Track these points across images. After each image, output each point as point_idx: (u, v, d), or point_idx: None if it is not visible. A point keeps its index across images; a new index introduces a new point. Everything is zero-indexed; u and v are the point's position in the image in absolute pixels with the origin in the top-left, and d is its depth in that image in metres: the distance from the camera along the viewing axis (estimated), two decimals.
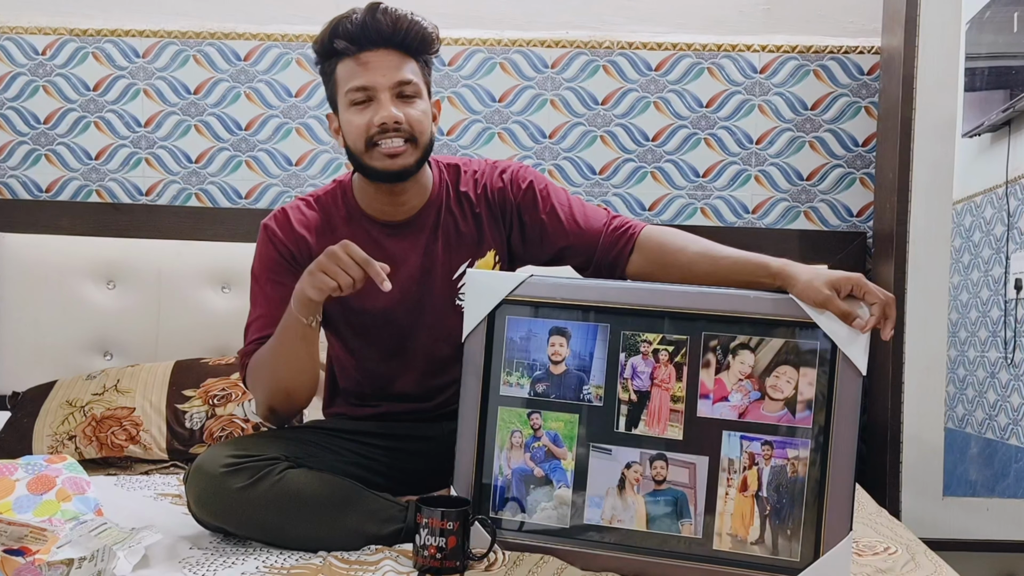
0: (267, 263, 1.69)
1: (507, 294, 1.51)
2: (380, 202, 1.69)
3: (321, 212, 1.71)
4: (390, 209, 1.69)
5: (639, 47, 2.56)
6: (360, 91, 1.59)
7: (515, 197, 1.73)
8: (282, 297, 1.63)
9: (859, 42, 2.54)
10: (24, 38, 2.58)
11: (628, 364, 1.46)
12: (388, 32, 1.59)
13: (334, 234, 1.68)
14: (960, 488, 2.49)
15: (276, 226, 1.70)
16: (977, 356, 2.61)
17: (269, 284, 1.67)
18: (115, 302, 2.46)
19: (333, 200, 1.72)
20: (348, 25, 1.59)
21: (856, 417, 1.36)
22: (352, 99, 1.60)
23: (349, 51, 1.60)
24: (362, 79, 1.59)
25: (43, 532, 1.31)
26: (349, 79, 1.60)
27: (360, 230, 1.69)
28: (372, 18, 1.59)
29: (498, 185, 1.73)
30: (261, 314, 1.67)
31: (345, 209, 1.71)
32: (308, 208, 1.72)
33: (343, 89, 1.61)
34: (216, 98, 2.59)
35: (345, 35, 1.59)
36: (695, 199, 2.58)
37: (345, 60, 1.61)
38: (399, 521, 1.52)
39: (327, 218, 1.70)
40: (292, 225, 1.69)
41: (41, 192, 2.60)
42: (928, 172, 2.30)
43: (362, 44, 1.59)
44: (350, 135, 1.62)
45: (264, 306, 1.67)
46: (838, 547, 1.34)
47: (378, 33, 1.59)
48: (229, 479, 1.47)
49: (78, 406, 2.14)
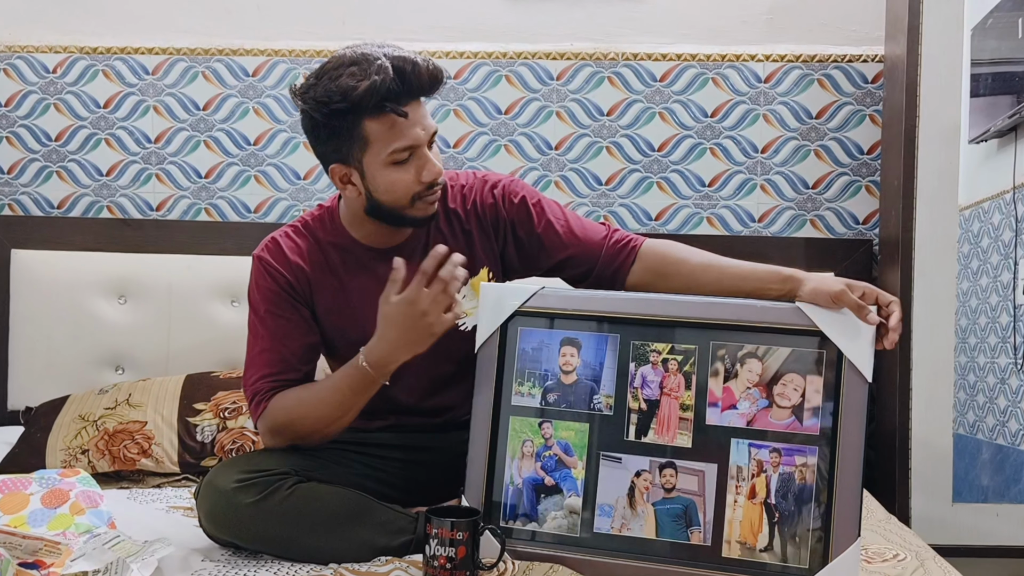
0: (267, 295, 1.65)
1: (519, 306, 1.52)
2: (380, 234, 1.66)
3: (311, 238, 1.68)
4: (386, 238, 1.67)
5: (643, 58, 2.58)
6: (406, 151, 1.54)
7: (507, 213, 1.70)
8: (285, 332, 1.63)
9: (862, 50, 2.55)
10: (35, 56, 2.61)
11: (638, 373, 1.47)
12: (427, 87, 1.54)
13: (327, 260, 1.67)
14: (971, 494, 2.49)
15: (271, 257, 1.66)
16: (987, 362, 2.61)
17: (270, 317, 1.64)
18: (126, 317, 2.48)
19: (322, 226, 1.69)
20: (392, 85, 1.49)
21: (863, 423, 1.37)
22: (395, 159, 1.54)
23: (397, 111, 1.51)
24: (407, 139, 1.53)
25: (57, 545, 1.32)
26: (391, 140, 1.52)
27: (352, 258, 1.67)
28: (413, 70, 1.51)
29: (489, 201, 1.71)
30: (265, 348, 1.64)
31: (335, 236, 1.68)
32: (298, 235, 1.68)
33: (382, 149, 1.53)
34: (225, 114, 2.61)
35: (393, 95, 1.50)
36: (701, 208, 2.59)
37: (379, 117, 1.52)
38: (409, 532, 1.53)
39: (318, 245, 1.68)
40: (286, 254, 1.66)
41: (53, 208, 2.62)
42: (933, 179, 2.31)
43: (403, 101, 1.52)
44: (391, 193, 1.56)
45: (268, 340, 1.64)
46: (847, 553, 1.35)
47: (420, 89, 1.54)
48: (240, 495, 1.47)
49: (90, 420, 2.16)
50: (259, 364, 1.64)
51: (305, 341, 1.66)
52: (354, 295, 1.66)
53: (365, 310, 1.61)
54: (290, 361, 1.63)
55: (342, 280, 1.67)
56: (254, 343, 1.66)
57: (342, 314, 1.67)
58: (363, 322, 1.58)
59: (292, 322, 1.64)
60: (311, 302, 1.67)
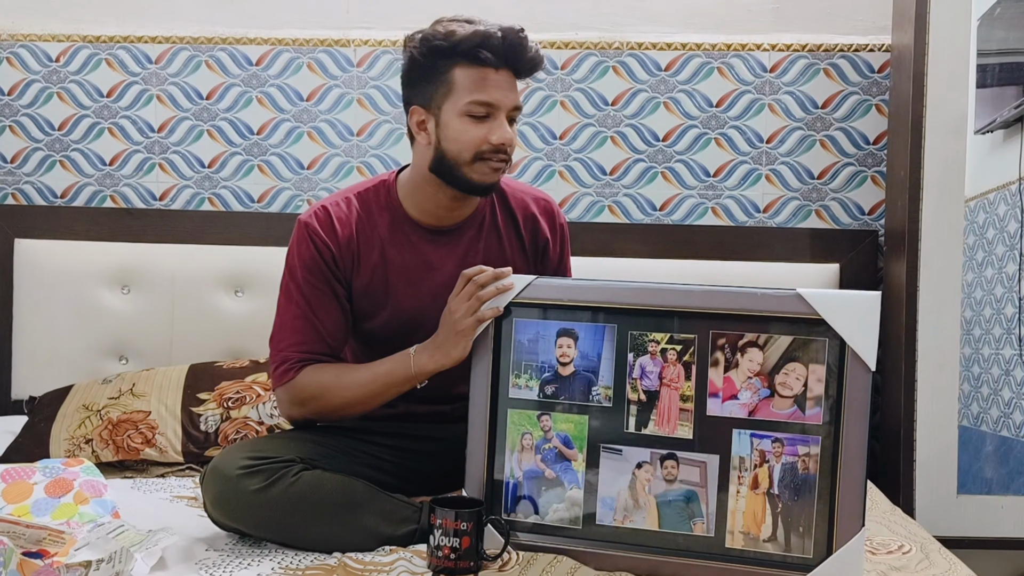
0: (308, 264, 1.66)
1: (514, 296, 1.52)
2: (439, 207, 1.69)
3: (363, 209, 1.70)
4: (444, 215, 1.70)
5: (648, 47, 2.57)
6: (484, 106, 1.59)
7: (551, 236, 1.79)
8: (322, 304, 1.66)
9: (869, 40, 2.53)
10: (38, 45, 2.61)
11: (636, 364, 1.46)
12: (524, 59, 1.61)
13: (375, 232, 1.68)
14: (975, 486, 2.48)
15: (318, 225, 1.67)
16: (992, 354, 2.60)
17: (308, 287, 1.66)
18: (130, 306, 2.48)
19: (376, 198, 1.71)
20: (495, 40, 1.58)
21: (866, 412, 1.36)
22: (472, 111, 1.59)
23: (489, 62, 1.58)
24: (490, 95, 1.58)
25: (61, 535, 1.32)
26: (474, 90, 1.58)
27: (400, 232, 1.69)
28: (519, 41, 1.59)
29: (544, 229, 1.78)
30: (299, 316, 1.66)
31: (388, 209, 1.70)
32: (348, 205, 1.70)
33: (462, 97, 1.59)
34: (228, 103, 2.60)
35: (492, 48, 1.58)
36: (706, 199, 2.58)
37: (470, 68, 1.59)
38: (413, 522, 1.53)
39: (369, 216, 1.70)
40: (334, 224, 1.67)
41: (56, 198, 2.62)
42: (939, 169, 2.30)
43: (500, 62, 1.59)
44: (457, 143, 1.60)
45: (304, 307, 1.66)
46: (851, 543, 1.34)
47: (517, 57, 1.60)
48: (245, 481, 1.48)
49: (94, 410, 2.16)
50: (293, 330, 1.66)
51: (339, 317, 1.68)
52: (393, 270, 1.68)
53: (399, 288, 1.62)
54: (322, 335, 1.66)
55: (385, 254, 1.69)
56: (288, 307, 1.68)
57: (377, 289, 1.69)
58: (395, 302, 1.59)
59: (328, 296, 1.66)
60: (350, 278, 1.69)
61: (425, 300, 1.67)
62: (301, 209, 2.57)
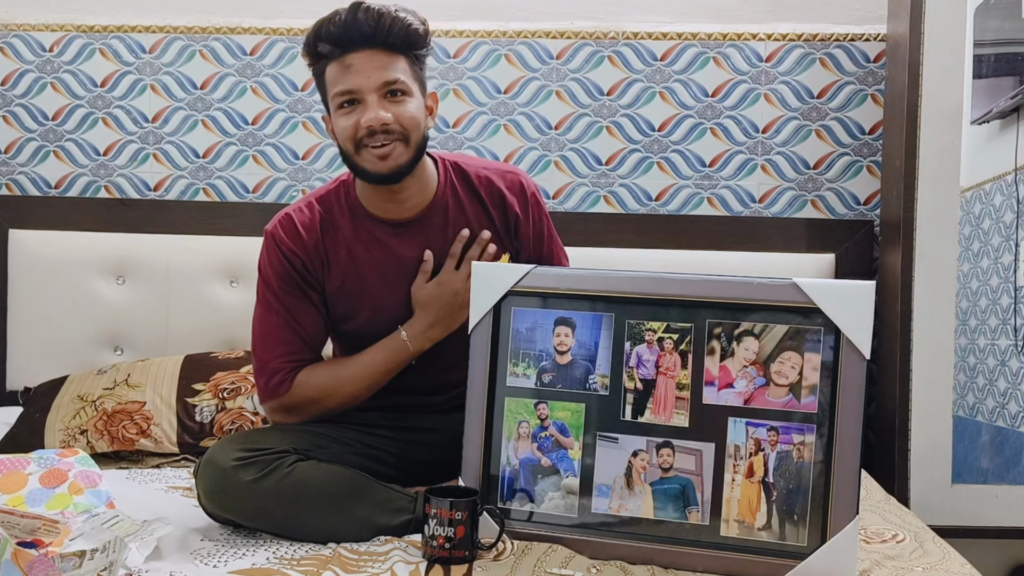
0: (280, 273, 1.67)
1: (512, 285, 1.52)
2: (381, 200, 1.68)
3: (324, 211, 1.70)
4: (392, 208, 1.69)
5: (644, 37, 2.56)
6: (345, 94, 1.58)
7: (521, 210, 1.76)
8: (301, 310, 1.66)
9: (864, 29, 2.53)
10: (32, 35, 2.59)
11: (633, 353, 1.46)
12: (371, 31, 1.56)
13: (339, 233, 1.68)
14: (970, 476, 2.49)
15: (284, 234, 1.68)
16: (988, 344, 2.60)
17: (284, 295, 1.67)
18: (124, 297, 2.48)
19: (336, 199, 1.71)
20: (331, 28, 1.56)
21: (861, 401, 1.37)
22: (339, 103, 1.59)
23: (334, 54, 1.57)
24: (347, 83, 1.57)
25: (56, 524, 1.32)
26: (335, 83, 1.59)
27: (363, 229, 1.69)
28: (353, 18, 1.56)
29: (513, 203, 1.75)
30: (281, 324, 1.67)
31: (348, 208, 1.70)
32: (311, 209, 1.70)
33: (331, 93, 1.60)
34: (223, 93, 2.60)
35: (328, 38, 1.57)
36: (701, 189, 2.57)
37: (332, 63, 1.59)
38: (408, 512, 1.53)
39: (331, 218, 1.70)
40: (299, 231, 1.68)
41: (50, 188, 2.61)
42: (935, 159, 2.29)
43: (346, 46, 1.57)
44: (341, 138, 1.62)
45: (284, 315, 1.67)
46: (845, 531, 1.34)
47: (361, 34, 1.56)
48: (239, 472, 1.48)
49: (89, 401, 2.16)
50: (278, 340, 1.67)
51: (319, 321, 1.69)
52: (364, 269, 1.68)
53: (374, 286, 1.62)
54: (307, 340, 1.68)
55: (353, 253, 1.68)
56: (268, 316, 1.68)
57: (351, 291, 1.69)
58: (373, 299, 1.59)
59: (306, 302, 1.67)
60: (322, 281, 1.68)
61: (401, 294, 1.68)
62: (296, 199, 2.56)
